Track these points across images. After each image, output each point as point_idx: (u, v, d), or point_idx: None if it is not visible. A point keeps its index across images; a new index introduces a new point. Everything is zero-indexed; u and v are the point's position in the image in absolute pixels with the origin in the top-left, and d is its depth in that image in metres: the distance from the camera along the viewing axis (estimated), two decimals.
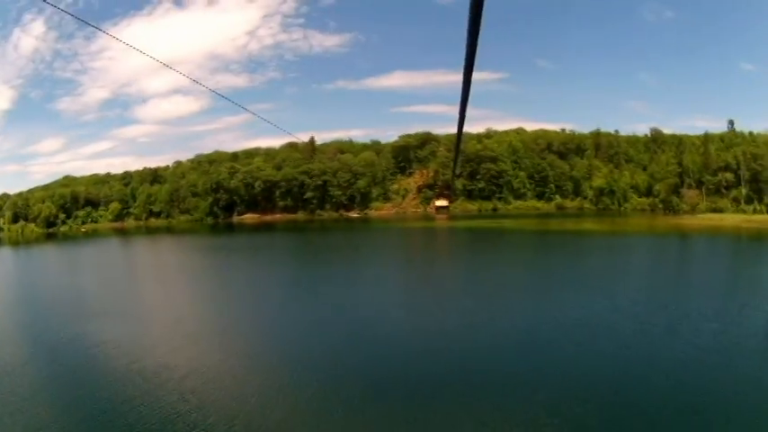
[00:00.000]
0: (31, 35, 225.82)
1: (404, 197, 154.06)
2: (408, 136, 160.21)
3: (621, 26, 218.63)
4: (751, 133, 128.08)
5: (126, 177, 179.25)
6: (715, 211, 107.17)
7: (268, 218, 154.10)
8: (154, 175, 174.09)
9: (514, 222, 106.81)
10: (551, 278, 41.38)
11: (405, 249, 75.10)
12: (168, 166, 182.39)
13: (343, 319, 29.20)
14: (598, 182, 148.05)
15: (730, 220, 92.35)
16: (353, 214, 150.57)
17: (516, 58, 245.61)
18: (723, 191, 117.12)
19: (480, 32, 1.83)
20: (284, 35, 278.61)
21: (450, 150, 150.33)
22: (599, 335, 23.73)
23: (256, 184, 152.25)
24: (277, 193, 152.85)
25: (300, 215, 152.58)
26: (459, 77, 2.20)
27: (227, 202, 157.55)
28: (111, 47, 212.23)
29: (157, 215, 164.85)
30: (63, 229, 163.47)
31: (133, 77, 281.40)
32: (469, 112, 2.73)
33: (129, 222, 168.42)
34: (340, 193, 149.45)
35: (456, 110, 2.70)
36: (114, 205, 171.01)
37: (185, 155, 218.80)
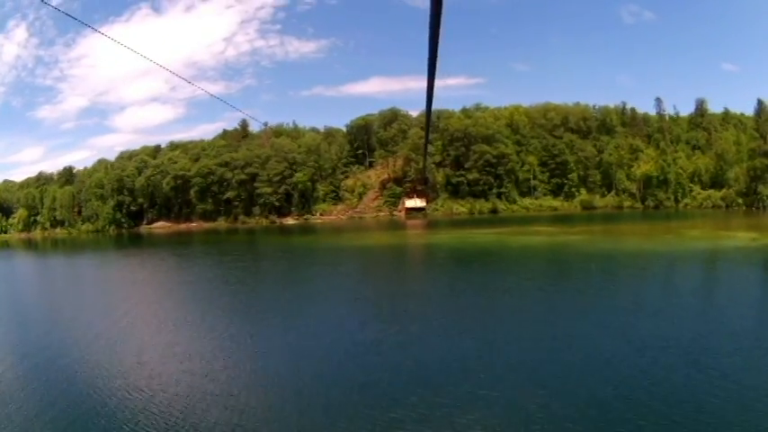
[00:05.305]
0: (14, 42, 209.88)
1: (362, 196, 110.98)
2: (370, 115, 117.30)
3: (600, 28, 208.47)
4: None
5: (41, 179, 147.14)
6: None
7: (183, 227, 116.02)
8: (68, 176, 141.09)
9: (527, 233, 59.49)
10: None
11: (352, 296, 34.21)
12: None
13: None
14: (645, 168, 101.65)
15: None
16: (290, 221, 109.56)
17: (493, 63, 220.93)
18: None
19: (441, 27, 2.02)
20: (261, 41, 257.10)
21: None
22: None
23: (164, 182, 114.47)
24: (191, 193, 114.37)
25: (222, 223, 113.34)
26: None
27: (135, 207, 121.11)
28: (91, 54, 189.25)
29: (61, 224, 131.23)
30: None
31: (111, 85, 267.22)
32: None
33: (36, 233, 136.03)
34: (270, 190, 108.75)
35: None
36: (21, 213, 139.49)
37: None
